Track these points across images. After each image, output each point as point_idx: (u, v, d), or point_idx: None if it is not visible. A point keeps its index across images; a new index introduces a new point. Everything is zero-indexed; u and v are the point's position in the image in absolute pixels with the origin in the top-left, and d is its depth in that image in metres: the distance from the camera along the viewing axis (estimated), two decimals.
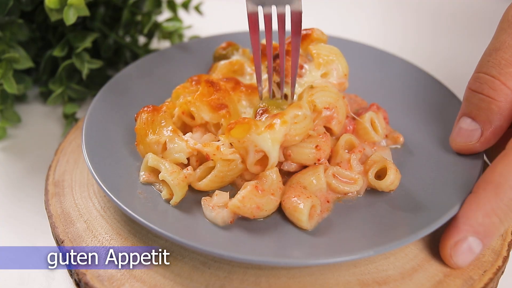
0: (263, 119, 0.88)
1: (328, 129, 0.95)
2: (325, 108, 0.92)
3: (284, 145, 0.88)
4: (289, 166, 0.91)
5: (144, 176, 0.91)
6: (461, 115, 0.91)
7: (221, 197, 0.86)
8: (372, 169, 0.91)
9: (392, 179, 0.89)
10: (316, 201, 0.85)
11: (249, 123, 0.86)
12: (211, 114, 0.93)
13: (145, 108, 0.95)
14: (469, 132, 0.89)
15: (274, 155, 0.86)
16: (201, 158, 0.91)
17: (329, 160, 0.94)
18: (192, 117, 0.95)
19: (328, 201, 0.88)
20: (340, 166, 0.91)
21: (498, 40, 0.88)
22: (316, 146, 0.90)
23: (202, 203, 0.86)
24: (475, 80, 0.88)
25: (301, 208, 0.83)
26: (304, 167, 0.92)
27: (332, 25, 1.61)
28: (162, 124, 0.93)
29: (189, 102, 0.94)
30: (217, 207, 0.85)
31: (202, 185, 0.88)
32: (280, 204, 0.86)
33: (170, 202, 0.87)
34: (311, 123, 0.91)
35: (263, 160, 0.88)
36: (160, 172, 0.88)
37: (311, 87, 0.94)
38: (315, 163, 0.91)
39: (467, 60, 1.36)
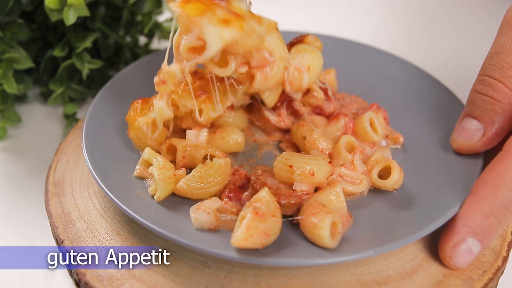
0: (221, 9, 0.81)
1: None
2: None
3: (227, 51, 0.85)
4: (301, 187, 0.87)
5: (138, 170, 0.92)
6: (464, 115, 0.92)
7: (213, 202, 0.86)
8: (375, 168, 0.92)
9: (396, 178, 0.90)
10: (337, 218, 0.81)
11: (207, 5, 0.80)
12: (193, 101, 0.96)
13: (136, 100, 0.98)
14: (471, 132, 0.90)
15: (213, 50, 0.81)
16: (170, 148, 0.95)
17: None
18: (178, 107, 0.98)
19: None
20: (344, 167, 0.91)
21: (498, 43, 0.89)
22: (329, 162, 0.90)
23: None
24: (479, 82, 0.90)
25: (321, 224, 0.79)
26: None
27: (332, 25, 1.63)
28: (152, 113, 0.96)
29: (171, 91, 0.96)
30: (203, 210, 0.84)
31: (178, 185, 0.88)
32: (298, 225, 0.84)
33: (154, 198, 0.88)
34: (259, 42, 0.88)
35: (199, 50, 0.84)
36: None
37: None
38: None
39: (467, 60, 1.37)
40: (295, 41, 1.02)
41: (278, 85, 0.96)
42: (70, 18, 1.05)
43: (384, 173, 0.92)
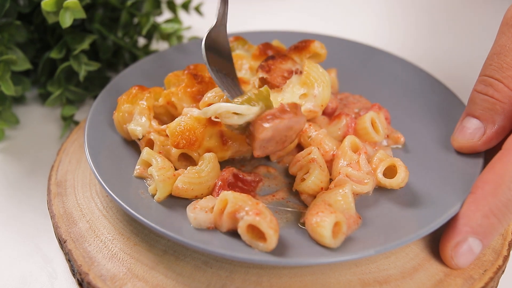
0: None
1: None
2: None
3: None
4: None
5: (138, 170, 0.96)
6: (465, 115, 0.97)
7: (208, 200, 0.90)
8: (380, 168, 0.95)
9: (403, 176, 0.93)
10: (341, 218, 0.84)
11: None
12: (192, 105, 1.01)
13: (134, 86, 1.04)
14: (472, 131, 0.95)
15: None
16: (149, 142, 0.99)
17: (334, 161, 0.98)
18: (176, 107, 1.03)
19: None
20: (351, 167, 0.95)
21: (498, 44, 0.94)
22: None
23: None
24: (480, 82, 0.94)
25: (323, 223, 0.83)
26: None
27: (334, 25, 1.66)
28: (142, 100, 1.02)
29: (171, 93, 1.02)
30: (199, 209, 0.88)
31: (175, 185, 0.91)
32: (304, 223, 0.88)
33: (154, 198, 0.92)
34: None
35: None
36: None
37: None
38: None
39: (469, 61, 1.41)
40: (299, 45, 1.06)
41: None
42: (66, 20, 1.09)
43: (388, 172, 0.96)
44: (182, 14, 1.53)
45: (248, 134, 0.90)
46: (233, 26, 1.32)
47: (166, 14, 1.54)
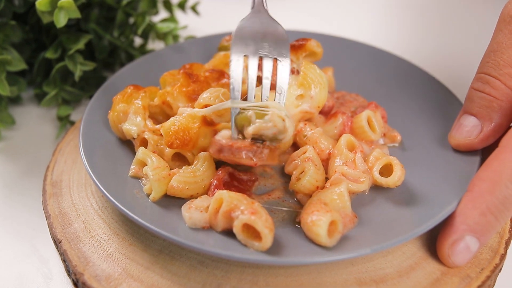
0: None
1: None
2: None
3: None
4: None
5: (133, 170, 0.97)
6: (462, 113, 0.97)
7: (203, 200, 0.90)
8: (376, 166, 0.96)
9: (399, 175, 0.94)
10: (337, 216, 0.85)
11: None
12: (187, 105, 1.02)
13: (129, 86, 1.05)
14: (469, 128, 0.95)
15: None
16: (143, 141, 1.00)
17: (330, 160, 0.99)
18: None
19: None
20: (347, 166, 0.95)
21: (495, 41, 0.94)
22: None
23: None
24: (477, 80, 0.95)
25: (319, 222, 0.83)
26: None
27: (331, 24, 1.67)
28: (137, 100, 1.03)
29: (167, 92, 1.03)
30: (194, 208, 0.89)
31: (170, 184, 0.92)
32: (300, 222, 0.89)
33: (149, 198, 0.92)
34: None
35: None
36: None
37: None
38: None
39: (466, 59, 1.41)
40: (296, 44, 1.07)
41: None
42: (61, 20, 1.09)
43: (384, 171, 0.96)
44: (178, 13, 1.54)
45: (265, 148, 0.91)
46: (230, 25, 1.33)
47: (162, 14, 1.54)
